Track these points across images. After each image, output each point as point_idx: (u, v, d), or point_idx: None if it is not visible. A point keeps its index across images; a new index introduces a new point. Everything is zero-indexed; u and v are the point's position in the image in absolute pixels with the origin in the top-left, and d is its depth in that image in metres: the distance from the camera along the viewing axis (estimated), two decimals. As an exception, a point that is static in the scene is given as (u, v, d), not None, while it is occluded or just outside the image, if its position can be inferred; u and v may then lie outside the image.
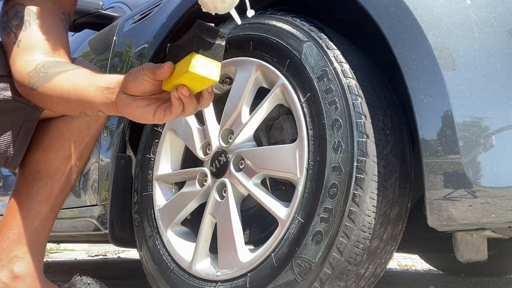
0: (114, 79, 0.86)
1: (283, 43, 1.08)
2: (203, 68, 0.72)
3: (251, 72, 1.15)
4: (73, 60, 1.08)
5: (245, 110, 1.16)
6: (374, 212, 0.93)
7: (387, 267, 1.46)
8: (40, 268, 1.10)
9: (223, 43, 0.75)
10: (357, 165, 0.92)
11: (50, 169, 1.12)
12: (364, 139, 0.93)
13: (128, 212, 1.43)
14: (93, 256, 4.96)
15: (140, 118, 0.84)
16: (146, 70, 0.79)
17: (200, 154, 1.25)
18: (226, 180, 1.15)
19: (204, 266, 1.17)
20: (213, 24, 0.74)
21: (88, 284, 1.07)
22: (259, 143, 1.20)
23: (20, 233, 1.08)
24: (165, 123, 1.37)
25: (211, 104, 1.28)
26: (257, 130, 1.16)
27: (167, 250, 1.26)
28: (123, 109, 0.84)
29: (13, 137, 1.08)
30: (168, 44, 0.82)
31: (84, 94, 0.88)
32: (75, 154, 1.16)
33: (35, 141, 1.12)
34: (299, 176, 1.00)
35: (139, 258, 1.37)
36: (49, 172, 1.12)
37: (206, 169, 1.21)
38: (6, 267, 1.07)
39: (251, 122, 1.13)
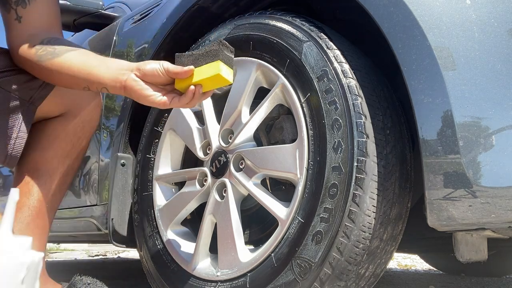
0: (125, 63, 1.00)
1: (283, 43, 1.08)
2: (226, 72, 0.96)
3: (251, 72, 1.15)
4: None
5: (245, 110, 1.16)
6: (374, 212, 0.93)
7: (387, 267, 1.46)
8: (42, 266, 1.11)
9: (233, 56, 0.99)
10: (357, 165, 0.92)
11: (49, 168, 1.13)
12: (364, 139, 0.93)
13: (128, 212, 1.43)
14: (93, 256, 4.96)
15: (146, 99, 0.97)
16: (167, 68, 0.96)
17: (200, 154, 1.25)
18: (226, 180, 1.15)
19: (204, 266, 1.17)
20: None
21: (88, 284, 1.07)
22: (259, 143, 1.20)
23: (21, 230, 1.08)
24: (165, 124, 1.37)
25: (211, 104, 1.28)
26: (257, 130, 1.16)
27: (167, 250, 1.26)
28: (132, 89, 0.97)
29: (11, 135, 1.08)
30: (176, 54, 1.00)
31: (94, 71, 0.99)
32: (72, 153, 1.17)
33: (33, 141, 1.13)
34: (299, 176, 1.00)
35: (139, 258, 1.37)
36: (48, 171, 1.13)
37: (206, 169, 1.21)
38: None
39: (251, 122, 1.13)
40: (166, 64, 0.97)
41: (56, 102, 1.14)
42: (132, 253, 5.19)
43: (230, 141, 1.16)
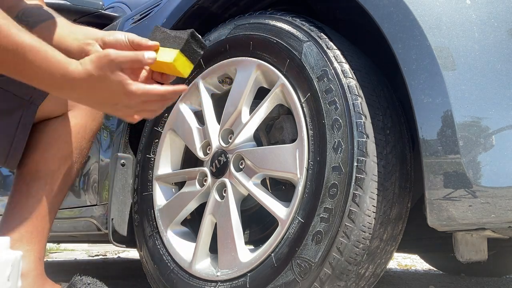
0: (91, 32, 0.93)
1: (283, 43, 1.08)
2: (182, 64, 0.91)
3: (251, 72, 1.15)
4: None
5: (245, 110, 1.16)
6: (374, 212, 0.93)
7: (387, 267, 1.46)
8: (41, 267, 1.11)
9: (202, 52, 0.94)
10: (357, 165, 0.92)
11: (49, 169, 1.12)
12: (364, 139, 0.93)
13: (128, 212, 1.43)
14: (93, 256, 4.96)
15: None
16: (131, 39, 0.89)
17: (200, 154, 1.25)
18: (226, 180, 1.15)
19: (204, 266, 1.17)
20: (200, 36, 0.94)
21: (88, 284, 1.07)
22: (259, 143, 1.20)
23: (20, 232, 1.08)
24: (165, 124, 1.37)
25: (211, 104, 1.28)
26: (257, 130, 1.16)
27: (167, 250, 1.26)
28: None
29: (11, 135, 1.08)
30: (155, 26, 0.94)
31: (62, 42, 0.92)
32: (74, 154, 1.16)
33: (34, 141, 1.13)
34: (299, 176, 1.00)
35: (139, 258, 1.37)
36: (48, 172, 1.12)
37: (206, 169, 1.21)
38: None
39: (251, 122, 1.13)
40: (132, 36, 0.90)
41: (57, 101, 1.13)
42: (132, 253, 5.19)
43: (230, 141, 1.16)
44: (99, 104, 0.90)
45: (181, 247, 1.25)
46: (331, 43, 1.03)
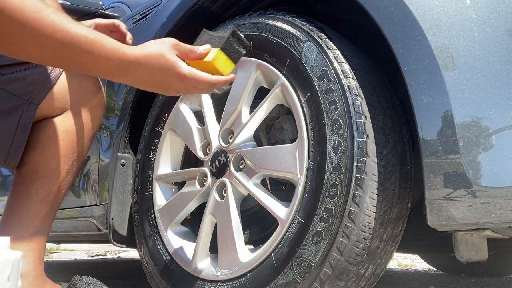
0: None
1: (283, 43, 1.08)
2: (223, 64, 0.92)
3: (251, 72, 1.15)
4: None
5: (245, 110, 1.16)
6: (374, 212, 0.93)
7: (387, 267, 1.46)
8: (41, 267, 1.10)
9: (244, 52, 0.95)
10: (357, 165, 0.92)
11: (49, 169, 1.12)
12: (364, 139, 0.93)
13: (128, 212, 1.43)
14: (93, 256, 4.96)
15: None
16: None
17: (200, 154, 1.25)
18: (226, 180, 1.15)
19: (204, 266, 1.17)
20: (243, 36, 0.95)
21: (88, 284, 1.06)
22: (259, 143, 1.20)
23: (20, 232, 1.07)
24: (165, 124, 1.37)
25: (211, 104, 1.28)
26: (257, 130, 1.16)
27: (167, 250, 1.26)
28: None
29: (11, 135, 1.08)
30: (203, 29, 0.98)
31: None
32: (73, 154, 1.16)
33: (33, 141, 1.12)
34: (299, 176, 1.00)
35: (139, 258, 1.37)
36: (48, 172, 1.12)
37: (206, 169, 1.21)
38: None
39: (251, 122, 1.13)
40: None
41: (57, 100, 1.13)
42: (132, 253, 5.19)
43: (230, 141, 1.16)
44: (152, 87, 0.94)
45: (181, 247, 1.25)
46: (331, 43, 1.03)
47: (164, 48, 0.89)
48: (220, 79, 0.94)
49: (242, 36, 0.94)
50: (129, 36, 1.26)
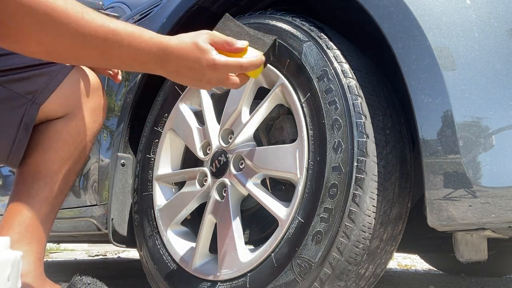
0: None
1: (283, 43, 1.08)
2: (260, 68, 0.95)
3: (251, 72, 1.15)
4: None
5: (245, 110, 1.16)
6: (374, 212, 0.93)
7: (387, 267, 1.46)
8: (41, 267, 1.11)
9: (271, 59, 1.00)
10: (357, 165, 0.92)
11: (50, 170, 1.12)
12: (364, 139, 0.93)
13: (128, 212, 1.43)
14: (93, 256, 4.96)
15: None
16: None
17: (200, 154, 1.25)
18: (226, 180, 1.15)
19: (204, 266, 1.17)
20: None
21: (88, 284, 1.06)
22: (259, 143, 1.20)
23: (20, 232, 1.08)
24: (165, 124, 1.37)
25: (211, 104, 1.28)
26: (257, 130, 1.16)
27: (167, 250, 1.26)
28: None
29: (13, 133, 1.08)
30: (227, 14, 0.97)
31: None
32: (74, 155, 1.16)
33: (34, 142, 1.13)
34: (299, 176, 1.00)
35: (139, 258, 1.37)
36: (49, 173, 1.12)
37: (206, 169, 1.21)
38: None
39: (251, 122, 1.13)
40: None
41: (59, 102, 1.13)
42: (132, 253, 5.19)
43: (230, 141, 1.16)
44: (188, 78, 0.94)
45: (181, 247, 1.25)
46: (331, 43, 1.03)
47: (198, 38, 0.90)
48: (253, 60, 0.93)
49: (277, 46, 0.98)
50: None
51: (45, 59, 1.04)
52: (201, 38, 0.90)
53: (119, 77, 1.31)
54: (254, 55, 0.93)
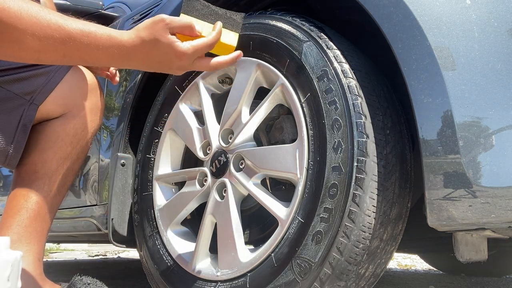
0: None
1: (283, 43, 1.08)
2: (226, 36, 0.93)
3: (251, 72, 1.15)
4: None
5: (245, 110, 1.16)
6: (374, 212, 0.93)
7: (387, 267, 1.46)
8: (40, 267, 1.11)
9: (242, 21, 0.99)
10: (357, 165, 0.92)
11: (48, 170, 1.12)
12: (364, 139, 0.93)
13: (128, 212, 1.43)
14: (93, 256, 4.96)
15: None
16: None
17: (200, 154, 1.25)
18: (226, 180, 1.15)
19: (204, 266, 1.17)
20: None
21: (88, 284, 1.07)
22: (259, 143, 1.20)
23: (19, 233, 1.08)
24: (165, 124, 1.37)
25: (211, 104, 1.28)
26: (257, 130, 1.16)
27: (167, 250, 1.26)
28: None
29: (12, 134, 1.08)
30: None
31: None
32: (72, 155, 1.16)
33: (32, 142, 1.13)
34: (299, 176, 1.00)
35: (139, 258, 1.37)
36: (47, 173, 1.12)
37: (206, 169, 1.21)
38: None
39: (251, 122, 1.13)
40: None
41: (57, 102, 1.13)
42: (132, 253, 5.19)
43: (230, 141, 1.16)
44: (156, 69, 0.94)
45: (181, 247, 1.25)
46: (331, 43, 1.03)
47: (156, 33, 0.88)
48: (216, 36, 0.92)
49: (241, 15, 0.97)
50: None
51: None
52: (159, 32, 0.88)
53: (117, 78, 1.31)
54: (229, 36, 0.92)
